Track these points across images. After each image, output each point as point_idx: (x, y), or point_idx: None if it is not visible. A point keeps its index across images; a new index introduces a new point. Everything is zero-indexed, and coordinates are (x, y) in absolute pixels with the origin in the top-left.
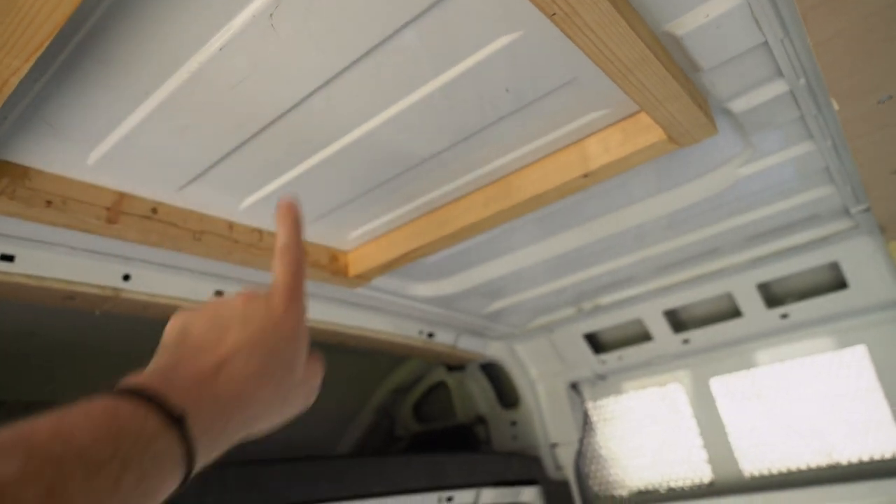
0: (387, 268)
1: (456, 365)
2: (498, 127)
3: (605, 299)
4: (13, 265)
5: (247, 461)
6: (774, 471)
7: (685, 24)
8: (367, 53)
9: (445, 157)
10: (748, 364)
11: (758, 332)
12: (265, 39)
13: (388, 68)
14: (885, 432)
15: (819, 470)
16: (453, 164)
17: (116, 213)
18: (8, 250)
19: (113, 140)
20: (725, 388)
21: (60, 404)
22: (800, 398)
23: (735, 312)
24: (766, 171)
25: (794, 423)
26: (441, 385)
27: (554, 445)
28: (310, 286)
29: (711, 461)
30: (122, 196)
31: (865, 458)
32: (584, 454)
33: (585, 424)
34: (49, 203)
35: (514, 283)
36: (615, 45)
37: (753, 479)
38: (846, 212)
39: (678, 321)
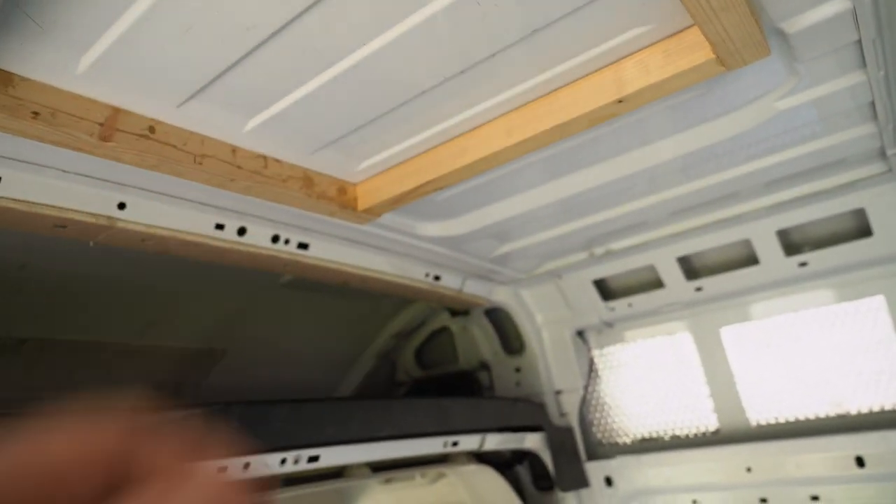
0: (398, 201)
1: (460, 310)
2: (526, 44)
3: (618, 244)
4: None
5: (252, 401)
6: (782, 420)
7: None
8: None
9: (465, 80)
10: (761, 314)
11: (774, 281)
12: None
13: None
14: None
15: (828, 420)
16: (473, 88)
17: (111, 130)
18: None
19: (105, 43)
20: (736, 337)
21: (55, 342)
22: (811, 348)
23: (752, 260)
24: (806, 106)
25: (804, 373)
26: (444, 330)
27: (559, 392)
28: (315, 222)
29: (718, 410)
30: (116, 111)
31: (876, 408)
32: (588, 401)
33: (591, 372)
34: (36, 115)
35: (523, 224)
36: None
37: (760, 427)
38: (882, 154)
39: (692, 268)
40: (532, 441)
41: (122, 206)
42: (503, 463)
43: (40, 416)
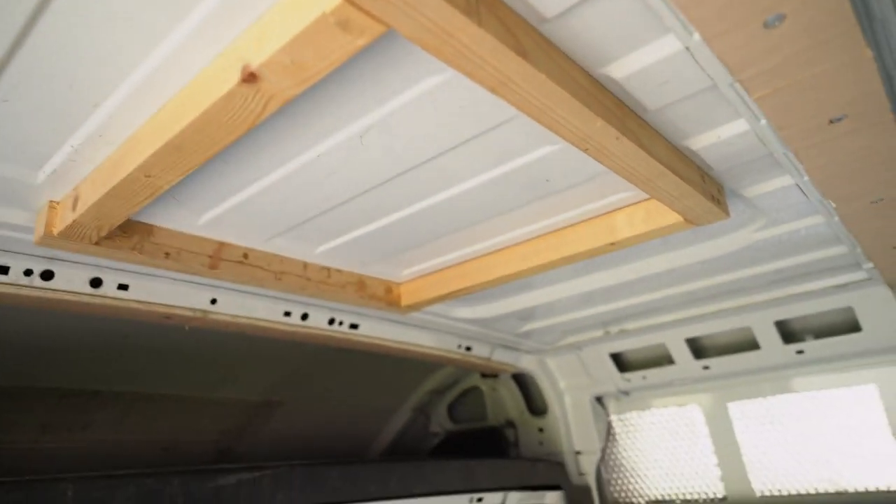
0: (434, 301)
1: (490, 372)
2: (539, 202)
3: (631, 325)
4: (127, 293)
5: (311, 462)
6: (784, 492)
7: (701, 141)
8: (431, 159)
9: (492, 222)
10: (764, 392)
11: (774, 365)
12: (354, 150)
13: (449, 166)
14: (891, 466)
15: (826, 495)
16: (499, 226)
17: (217, 260)
18: (124, 281)
19: (223, 208)
20: (742, 412)
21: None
22: (811, 428)
23: (753, 345)
24: (781, 236)
25: (805, 450)
26: (475, 389)
27: (578, 453)
28: (365, 309)
29: (725, 478)
30: (221, 245)
31: (871, 488)
32: (605, 462)
33: (608, 435)
34: (167, 255)
35: (547, 309)
36: (636, 165)
37: (764, 498)
38: (859, 266)
39: (699, 348)
40: (552, 499)
41: (213, 301)
42: None
43: None
